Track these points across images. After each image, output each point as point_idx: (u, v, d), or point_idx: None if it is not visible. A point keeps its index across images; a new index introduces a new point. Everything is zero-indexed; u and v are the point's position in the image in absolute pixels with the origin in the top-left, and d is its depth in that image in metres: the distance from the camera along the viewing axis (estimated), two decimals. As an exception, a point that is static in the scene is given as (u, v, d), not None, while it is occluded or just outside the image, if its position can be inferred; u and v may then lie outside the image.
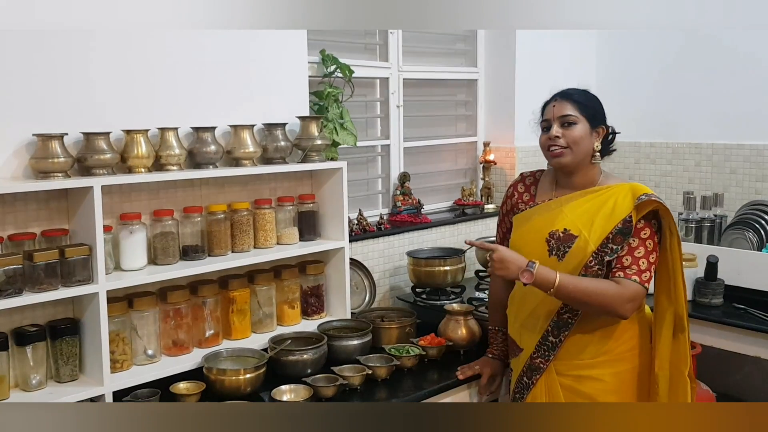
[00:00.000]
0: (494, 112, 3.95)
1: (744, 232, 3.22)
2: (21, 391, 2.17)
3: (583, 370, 2.25)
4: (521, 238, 2.33)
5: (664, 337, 2.23)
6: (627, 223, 2.17)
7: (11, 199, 2.19)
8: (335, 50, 3.08)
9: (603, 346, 2.23)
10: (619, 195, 2.21)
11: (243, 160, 2.58)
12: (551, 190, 2.34)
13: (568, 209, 2.25)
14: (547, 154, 2.27)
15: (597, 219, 2.19)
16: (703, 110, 3.77)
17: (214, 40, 2.57)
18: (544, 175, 2.41)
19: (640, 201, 2.16)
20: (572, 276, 2.15)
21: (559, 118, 2.23)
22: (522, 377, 2.34)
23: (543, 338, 2.26)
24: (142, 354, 2.40)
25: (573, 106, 2.23)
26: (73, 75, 2.26)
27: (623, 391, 2.25)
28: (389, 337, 2.74)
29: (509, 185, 2.49)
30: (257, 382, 2.36)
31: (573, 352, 2.24)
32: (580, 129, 2.22)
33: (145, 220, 2.44)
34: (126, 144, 2.34)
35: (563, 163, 2.24)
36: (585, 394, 2.24)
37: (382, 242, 3.29)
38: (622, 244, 2.16)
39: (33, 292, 2.10)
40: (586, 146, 2.23)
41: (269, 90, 2.73)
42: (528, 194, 2.40)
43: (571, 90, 2.28)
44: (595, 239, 2.17)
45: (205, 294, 2.55)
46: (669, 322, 2.23)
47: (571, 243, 2.20)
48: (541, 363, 2.28)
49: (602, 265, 2.17)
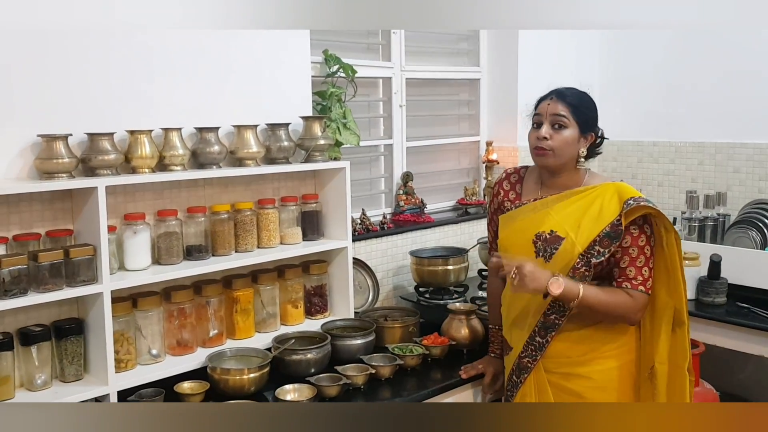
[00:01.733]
0: (497, 111, 3.95)
1: (747, 230, 3.21)
2: (26, 391, 2.18)
3: (571, 368, 2.26)
4: (507, 238, 2.33)
5: (664, 332, 2.24)
6: (615, 227, 2.15)
7: (16, 200, 2.20)
8: (338, 50, 3.09)
9: (590, 345, 2.25)
10: (605, 196, 2.20)
11: (246, 160, 2.59)
12: (537, 189, 2.34)
13: (554, 211, 2.24)
14: (532, 152, 2.27)
15: (584, 221, 2.18)
16: (707, 109, 3.77)
17: (217, 40, 2.57)
18: (529, 173, 2.40)
19: (628, 207, 2.14)
20: (591, 287, 2.15)
21: (550, 117, 2.22)
22: (512, 375, 2.36)
23: (530, 338, 2.28)
24: (147, 354, 2.41)
25: (567, 108, 2.22)
26: (77, 76, 2.27)
27: (611, 388, 2.26)
28: (392, 336, 2.74)
29: (495, 182, 2.48)
30: (261, 381, 2.37)
31: (561, 351, 2.26)
32: (569, 133, 2.21)
33: (149, 220, 2.44)
34: (130, 144, 2.34)
35: (546, 163, 2.25)
36: (573, 391, 2.26)
37: (385, 242, 3.29)
38: (609, 247, 2.16)
39: (38, 292, 2.11)
40: (572, 151, 2.23)
41: (272, 90, 2.74)
42: (513, 192, 2.39)
43: (568, 90, 2.27)
44: (582, 241, 2.17)
45: (209, 294, 2.56)
46: (669, 316, 2.24)
47: (558, 245, 2.19)
48: (528, 363, 2.30)
49: (589, 266, 2.17)
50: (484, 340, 2.73)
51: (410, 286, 3.31)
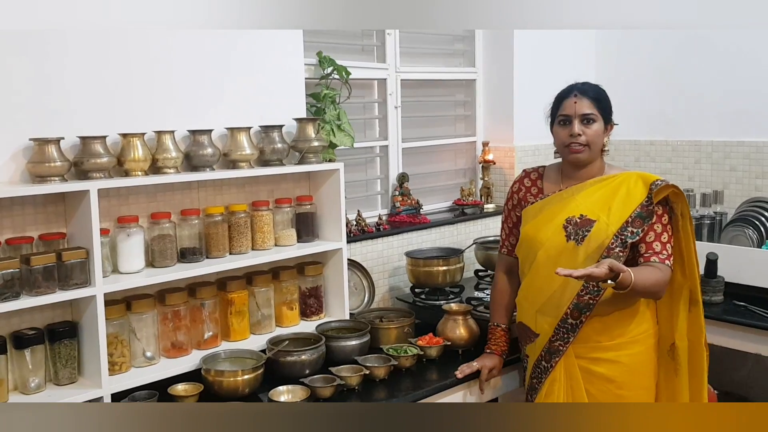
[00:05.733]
0: (493, 111, 3.95)
1: (744, 229, 3.21)
2: (20, 394, 2.19)
3: (600, 353, 2.32)
4: (535, 227, 2.38)
5: (682, 311, 2.36)
6: (645, 207, 2.27)
7: (8, 203, 2.20)
8: (332, 52, 3.09)
9: (619, 329, 2.32)
10: (629, 181, 2.32)
11: (240, 162, 2.59)
12: (558, 182, 2.43)
13: (580, 197, 2.34)
14: (564, 150, 2.36)
15: (614, 204, 2.29)
16: (703, 108, 3.77)
17: (210, 42, 2.58)
18: (548, 169, 2.50)
19: (657, 186, 2.26)
20: (635, 270, 2.16)
21: (580, 115, 2.31)
22: (540, 362, 2.39)
23: (562, 321, 2.31)
24: (141, 356, 2.41)
25: (592, 103, 2.33)
26: (69, 79, 2.27)
27: (638, 371, 2.35)
28: (388, 337, 2.74)
29: (513, 181, 2.55)
30: (255, 383, 2.37)
31: (591, 335, 2.31)
32: (598, 126, 2.33)
33: (142, 223, 2.45)
34: (122, 147, 2.35)
35: (581, 159, 2.34)
36: (602, 375, 2.32)
37: (381, 243, 3.29)
38: (642, 227, 2.26)
39: (31, 295, 2.11)
40: (601, 142, 2.35)
41: (266, 92, 2.74)
42: (535, 188, 2.47)
43: (587, 86, 2.37)
44: (614, 222, 2.26)
45: (204, 296, 2.56)
46: (685, 296, 2.36)
47: (590, 227, 2.28)
48: (560, 346, 2.33)
49: (624, 246, 2.26)
50: (479, 340, 2.73)
51: (406, 287, 3.31)
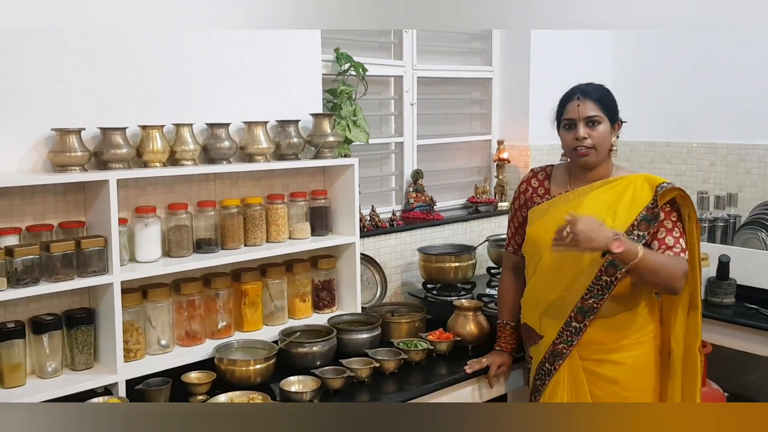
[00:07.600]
0: (508, 110, 3.96)
1: (757, 231, 3.20)
2: (37, 378, 2.24)
3: (605, 354, 2.32)
4: (541, 228, 2.36)
5: (680, 314, 2.34)
6: (651, 209, 2.24)
7: (30, 192, 2.25)
8: (349, 48, 3.12)
9: (623, 332, 2.31)
10: (636, 184, 2.29)
11: (256, 155, 2.63)
12: (566, 183, 2.41)
13: (587, 200, 2.31)
14: (572, 154, 2.33)
15: (619, 207, 2.27)
16: (719, 110, 3.76)
17: (229, 38, 2.62)
18: (555, 169, 2.47)
19: (662, 189, 2.24)
20: (649, 249, 2.17)
21: (584, 118, 2.29)
22: (544, 364, 2.39)
23: (566, 324, 2.31)
24: (156, 344, 2.45)
25: (596, 105, 2.30)
26: (90, 71, 2.32)
27: (643, 373, 2.34)
28: (399, 331, 2.77)
29: (521, 181, 2.54)
30: (267, 372, 2.41)
31: (595, 338, 2.30)
32: (603, 128, 2.30)
33: (159, 214, 2.49)
34: (142, 139, 2.39)
35: (590, 162, 2.32)
36: (607, 377, 2.32)
37: (394, 238, 3.32)
38: (648, 230, 2.24)
39: (50, 281, 2.16)
40: (608, 143, 2.33)
41: (283, 87, 2.78)
42: (542, 188, 2.45)
43: (590, 87, 2.34)
44: (620, 225, 2.23)
45: (218, 286, 2.60)
46: (684, 300, 2.33)
47: None
48: (563, 349, 2.33)
49: None
50: (489, 336, 2.75)
51: (418, 282, 3.34)
